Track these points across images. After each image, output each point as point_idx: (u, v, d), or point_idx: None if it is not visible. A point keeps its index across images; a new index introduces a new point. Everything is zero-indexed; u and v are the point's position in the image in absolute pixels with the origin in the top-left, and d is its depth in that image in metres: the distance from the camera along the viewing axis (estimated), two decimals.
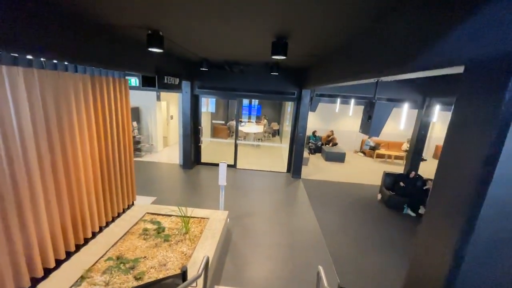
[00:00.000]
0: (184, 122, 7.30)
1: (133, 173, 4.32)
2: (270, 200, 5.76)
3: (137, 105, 8.73)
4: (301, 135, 7.09)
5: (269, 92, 6.97)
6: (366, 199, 6.27)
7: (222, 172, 4.36)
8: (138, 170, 7.18)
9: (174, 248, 3.38)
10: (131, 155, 4.21)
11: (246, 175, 7.41)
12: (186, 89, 7.00)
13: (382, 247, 4.28)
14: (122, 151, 3.93)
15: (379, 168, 9.29)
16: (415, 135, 6.94)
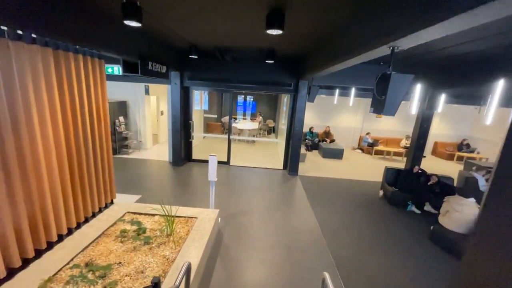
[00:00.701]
0: (174, 116, 6.84)
1: (111, 169, 3.86)
2: (265, 198, 5.35)
3: (124, 99, 8.22)
4: (298, 129, 6.71)
5: (264, 83, 6.57)
6: (367, 196, 5.92)
7: (212, 166, 3.93)
8: (123, 167, 6.70)
9: (155, 252, 2.93)
10: (109, 148, 3.75)
11: (240, 172, 6.99)
12: (176, 80, 6.54)
13: (387, 247, 3.91)
14: (97, 143, 3.46)
15: (379, 164, 8.98)
16: (417, 129, 6.62)
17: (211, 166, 3.93)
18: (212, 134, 11.50)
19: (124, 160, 7.36)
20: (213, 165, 3.92)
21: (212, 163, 3.91)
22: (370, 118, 11.28)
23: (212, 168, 3.93)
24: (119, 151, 7.94)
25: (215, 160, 3.91)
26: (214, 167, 3.94)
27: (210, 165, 3.92)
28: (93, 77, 3.25)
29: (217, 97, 14.17)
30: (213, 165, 3.92)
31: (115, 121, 7.66)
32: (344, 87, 6.32)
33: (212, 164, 3.91)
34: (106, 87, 3.51)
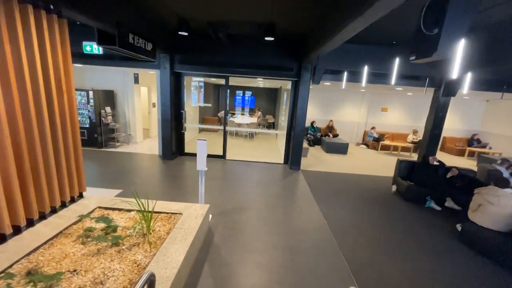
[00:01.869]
0: (163, 104, 6.21)
1: (79, 156, 3.22)
2: (264, 194, 4.72)
3: (111, 88, 7.59)
4: (301, 119, 6.09)
5: (263, 67, 5.95)
6: (378, 191, 5.29)
7: (201, 153, 3.30)
8: (107, 160, 6.06)
9: (124, 256, 2.30)
10: (76, 130, 3.11)
11: (236, 166, 6.36)
12: (165, 64, 5.92)
13: (410, 250, 3.29)
14: (58, 126, 2.82)
15: (386, 160, 8.37)
16: (431, 118, 6.02)
17: (200, 153, 3.30)
18: (207, 125, 10.87)
19: (110, 153, 6.71)
20: (202, 151, 3.30)
21: (201, 150, 3.29)
22: (375, 112, 10.68)
23: (201, 155, 3.31)
24: (105, 144, 7.30)
25: (204, 145, 3.28)
26: (203, 154, 3.31)
27: (199, 152, 3.29)
28: (50, 38, 2.62)
29: (214, 93, 13.57)
30: (202, 151, 3.29)
31: (101, 111, 7.01)
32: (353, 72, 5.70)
33: (201, 150, 3.29)
34: (69, 52, 2.87)
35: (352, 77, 5.89)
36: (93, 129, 6.96)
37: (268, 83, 9.72)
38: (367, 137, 10.32)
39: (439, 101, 5.85)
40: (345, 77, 5.44)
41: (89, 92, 6.72)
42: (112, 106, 7.54)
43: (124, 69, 7.45)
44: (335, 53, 5.61)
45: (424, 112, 10.63)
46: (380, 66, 5.65)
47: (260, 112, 12.43)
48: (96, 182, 4.70)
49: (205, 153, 3.30)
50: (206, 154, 3.33)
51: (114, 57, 5.92)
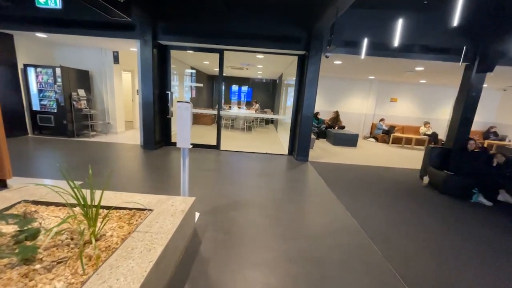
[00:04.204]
0: (144, 84, 5.16)
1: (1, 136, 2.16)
2: (268, 186, 3.71)
3: (86, 68, 6.50)
4: (309, 102, 5.12)
5: (264, 38, 4.98)
6: (406, 183, 4.35)
7: (183, 122, 2.28)
8: (76, 150, 4.98)
9: (36, 280, 1.26)
10: None
11: (233, 157, 5.34)
12: (147, 34, 4.89)
13: (472, 255, 2.33)
14: None
15: (402, 153, 7.47)
16: (462, 100, 5.12)
17: (182, 122, 2.28)
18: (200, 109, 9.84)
19: (81, 143, 5.61)
20: (185, 120, 2.28)
21: (182, 117, 2.27)
22: (384, 103, 9.82)
23: (183, 126, 2.29)
24: (78, 134, 6.19)
25: (187, 110, 2.26)
26: (186, 124, 2.29)
27: (180, 120, 2.27)
28: None
29: (207, 83, 12.56)
30: (184, 120, 2.27)
31: (72, 94, 5.92)
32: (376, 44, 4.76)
33: (183, 118, 2.27)
34: None
35: (368, 51, 4.96)
36: (62, 114, 5.85)
37: (267, 66, 8.76)
38: (375, 130, 9.44)
39: (471, 78, 4.96)
40: (365, 44, 4.50)
41: (55, 69, 5.62)
42: (87, 89, 6.45)
43: (101, 47, 6.40)
44: (353, 22, 4.69)
45: (436, 103, 9.84)
46: (405, 36, 4.75)
47: (258, 105, 11.46)
48: (50, 173, 3.62)
49: (189, 122, 2.28)
50: (191, 123, 2.31)
51: (81, 23, 4.87)
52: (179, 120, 2.26)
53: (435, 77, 7.44)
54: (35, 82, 5.81)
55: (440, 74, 6.80)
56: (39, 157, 4.37)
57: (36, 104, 5.91)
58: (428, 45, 4.90)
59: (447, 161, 4.26)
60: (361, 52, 4.70)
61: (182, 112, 2.24)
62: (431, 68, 5.98)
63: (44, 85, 5.80)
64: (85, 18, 4.87)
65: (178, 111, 2.24)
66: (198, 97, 11.26)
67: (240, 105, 12.82)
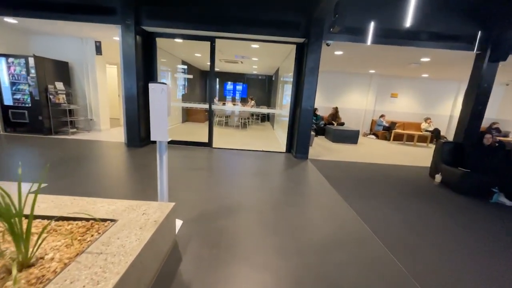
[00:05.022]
0: (127, 75, 4.67)
1: None
2: (266, 187, 3.27)
3: (65, 59, 5.95)
4: (309, 94, 4.69)
5: (259, 23, 4.52)
6: (416, 182, 3.95)
7: (158, 108, 1.82)
8: (49, 148, 4.46)
9: None
10: None
11: (226, 155, 4.88)
12: (129, 18, 4.39)
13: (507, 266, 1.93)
14: None
15: (405, 149, 7.11)
16: (473, 91, 4.76)
17: (157, 108, 1.82)
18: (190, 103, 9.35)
19: (58, 141, 5.08)
20: (160, 105, 1.81)
21: (156, 101, 1.80)
22: (384, 98, 9.47)
23: (158, 114, 1.82)
24: (56, 131, 5.64)
25: (163, 92, 1.80)
26: (162, 110, 1.82)
27: (153, 106, 1.81)
28: None
29: (200, 80, 12.05)
30: (159, 105, 1.81)
31: (48, 87, 5.37)
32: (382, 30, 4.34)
33: (158, 103, 1.81)
34: None
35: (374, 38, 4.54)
36: (37, 109, 5.30)
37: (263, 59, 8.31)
38: (375, 126, 9.08)
39: (483, 68, 4.60)
40: (371, 30, 4.09)
41: (28, 59, 5.07)
42: (66, 82, 5.90)
43: (82, 37, 5.87)
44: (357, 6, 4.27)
45: (437, 98, 9.52)
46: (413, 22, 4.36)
47: (253, 101, 11.00)
48: (12, 174, 3.11)
49: (165, 109, 1.82)
50: (169, 111, 1.85)
51: (54, 5, 4.35)
52: (152, 106, 1.79)
53: (440, 70, 7.09)
54: (7, 74, 5.24)
55: (446, 66, 6.45)
56: (3, 157, 3.85)
57: (9, 99, 5.35)
58: (438, 32, 4.52)
59: (461, 158, 3.88)
60: (367, 39, 4.29)
61: (156, 96, 1.77)
62: (439, 58, 5.61)
63: (17, 77, 5.24)
64: (58, 0, 4.35)
65: (151, 95, 1.77)
66: (191, 93, 10.76)
67: (235, 102, 12.36)
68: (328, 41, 4.66)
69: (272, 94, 11.73)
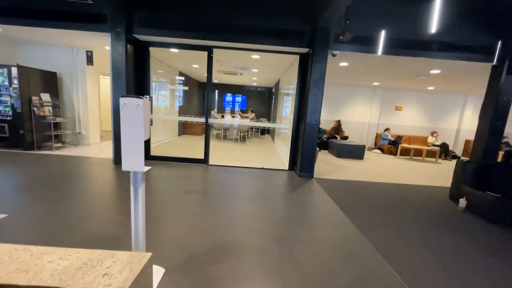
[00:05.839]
0: (116, 86, 4.29)
1: None
2: (268, 217, 2.81)
3: (54, 69, 5.61)
4: (314, 107, 4.32)
5: (260, 32, 4.21)
6: (438, 208, 3.50)
7: (130, 128, 1.39)
8: (26, 167, 4.01)
9: None
10: None
11: (223, 173, 4.43)
12: (119, 26, 4.07)
13: None
14: None
15: (414, 166, 6.69)
16: (490, 106, 4.41)
17: (128, 128, 1.39)
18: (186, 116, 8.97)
19: (38, 157, 4.63)
20: (135, 124, 1.39)
21: (130, 119, 1.38)
22: (388, 111, 9.15)
23: (131, 134, 1.40)
24: (38, 146, 5.20)
25: (139, 109, 1.38)
26: (138, 130, 1.40)
27: (125, 126, 1.38)
28: None
29: (198, 91, 11.76)
30: (133, 124, 1.39)
31: (31, 98, 4.98)
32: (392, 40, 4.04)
33: (132, 120, 1.38)
34: None
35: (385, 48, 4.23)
36: (18, 123, 4.88)
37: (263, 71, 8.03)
38: (380, 140, 8.69)
39: (501, 81, 4.27)
40: (382, 39, 3.78)
41: (11, 69, 4.71)
42: (53, 93, 5.52)
43: (72, 46, 5.55)
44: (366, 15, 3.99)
45: (443, 111, 9.21)
46: (425, 32, 4.07)
47: (253, 114, 10.67)
48: None
49: (141, 129, 1.39)
50: (147, 131, 1.43)
51: (40, 13, 4.04)
52: (124, 126, 1.37)
53: (447, 82, 6.80)
54: None
55: (455, 78, 6.15)
56: None
57: None
58: (453, 42, 4.22)
59: (487, 179, 3.45)
60: (377, 50, 3.96)
61: (129, 114, 1.35)
62: (450, 70, 5.30)
63: None
64: (45, 6, 4.05)
65: (123, 113, 1.36)
66: (189, 105, 10.42)
67: (234, 114, 12.03)
68: (334, 51, 4.34)
69: (272, 107, 11.43)
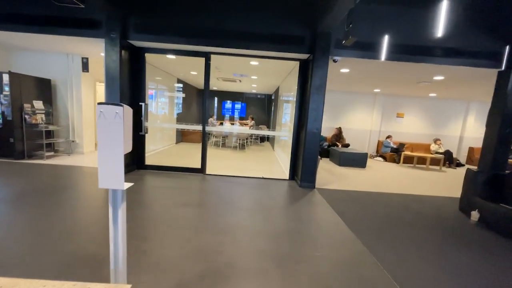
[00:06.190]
0: (110, 93, 4.14)
1: None
2: (268, 234, 2.60)
3: (48, 76, 5.47)
4: (315, 114, 4.16)
5: (260, 37, 4.09)
6: (450, 221, 3.28)
7: (109, 140, 1.21)
8: (11, 177, 3.81)
9: None
10: None
11: (221, 184, 4.23)
12: (113, 31, 3.95)
13: None
14: None
15: (418, 174, 6.48)
16: (498, 112, 4.25)
17: (106, 139, 1.20)
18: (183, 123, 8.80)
19: (27, 167, 4.43)
20: (114, 135, 1.20)
21: (108, 129, 1.20)
22: (389, 118, 9.01)
23: (109, 146, 1.21)
24: (29, 155, 5.01)
25: (119, 118, 1.19)
26: (117, 142, 1.21)
27: (102, 137, 1.20)
28: None
29: (197, 98, 11.66)
30: (112, 135, 1.20)
31: (23, 106, 4.82)
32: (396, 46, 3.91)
33: (111, 131, 1.20)
34: None
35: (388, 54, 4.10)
36: (8, 131, 4.70)
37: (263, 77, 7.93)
38: (382, 148, 8.51)
39: (508, 87, 4.12)
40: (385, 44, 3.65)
41: (2, 75, 4.56)
42: (47, 100, 5.37)
43: (67, 53, 5.44)
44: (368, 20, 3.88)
45: (445, 118, 9.05)
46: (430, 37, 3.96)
47: (253, 121, 10.51)
48: None
49: (121, 141, 1.21)
50: (126, 146, 1.25)
51: (32, 18, 3.92)
52: (101, 138, 1.19)
53: (450, 88, 6.67)
54: None
55: (458, 84, 6.02)
56: None
57: None
58: (458, 48, 4.09)
59: (500, 191, 3.25)
60: (380, 55, 3.83)
61: (106, 124, 1.17)
62: (453, 76, 5.17)
63: None
64: (37, 12, 3.94)
65: (100, 122, 1.17)
66: (187, 113, 10.29)
67: (233, 122, 11.88)
68: (335, 57, 4.21)
69: (272, 114, 11.30)
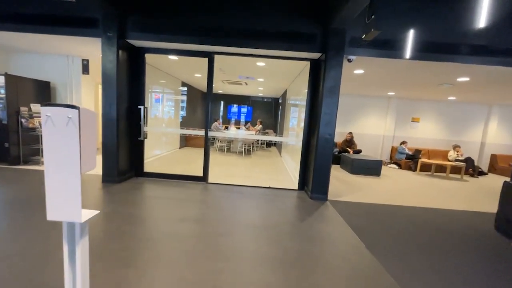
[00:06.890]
0: (106, 96, 3.88)
1: None
2: (276, 259, 2.22)
3: (47, 78, 5.29)
4: (329, 119, 3.78)
5: (266, 36, 3.76)
6: (486, 244, 2.82)
7: (60, 149, 0.87)
8: (3, 185, 3.55)
9: None
10: None
11: (224, 194, 3.87)
12: (110, 30, 3.70)
13: None
14: None
15: (441, 185, 5.98)
16: None
17: (56, 153, 0.87)
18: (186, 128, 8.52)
19: (21, 173, 4.19)
20: (69, 145, 0.87)
21: (58, 135, 0.86)
22: (404, 123, 8.51)
23: (61, 163, 0.87)
24: (25, 160, 4.80)
25: (72, 123, 0.86)
26: (72, 158, 0.88)
27: (50, 147, 0.86)
28: None
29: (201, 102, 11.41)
30: (67, 144, 0.87)
31: (20, 109, 4.63)
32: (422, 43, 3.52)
33: (64, 138, 0.86)
34: None
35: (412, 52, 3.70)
36: (3, 135, 4.51)
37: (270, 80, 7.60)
38: (397, 154, 8.01)
39: None
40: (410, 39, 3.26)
41: None
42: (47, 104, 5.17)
43: (67, 54, 5.26)
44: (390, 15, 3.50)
45: (464, 123, 8.46)
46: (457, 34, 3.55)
47: (261, 125, 10.17)
48: None
49: (76, 158, 0.87)
50: (94, 161, 0.91)
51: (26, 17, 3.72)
52: (48, 151, 0.86)
53: (473, 91, 6.18)
54: None
55: (482, 87, 5.53)
56: None
57: None
58: (489, 45, 3.66)
59: None
60: (403, 54, 3.44)
61: (55, 132, 0.84)
62: (482, 76, 4.70)
63: None
64: (31, 11, 3.74)
65: (46, 130, 0.85)
66: (192, 117, 10.05)
67: (239, 126, 11.58)
68: (350, 56, 3.85)
69: (279, 118, 10.94)
